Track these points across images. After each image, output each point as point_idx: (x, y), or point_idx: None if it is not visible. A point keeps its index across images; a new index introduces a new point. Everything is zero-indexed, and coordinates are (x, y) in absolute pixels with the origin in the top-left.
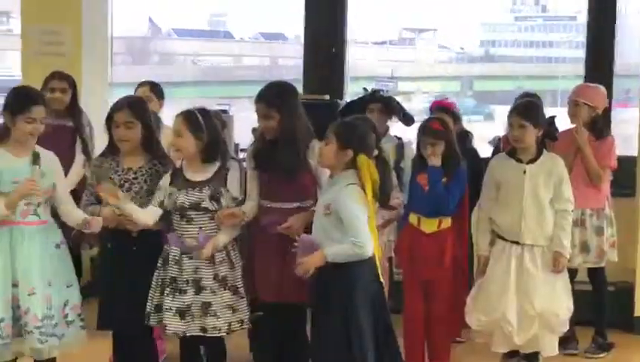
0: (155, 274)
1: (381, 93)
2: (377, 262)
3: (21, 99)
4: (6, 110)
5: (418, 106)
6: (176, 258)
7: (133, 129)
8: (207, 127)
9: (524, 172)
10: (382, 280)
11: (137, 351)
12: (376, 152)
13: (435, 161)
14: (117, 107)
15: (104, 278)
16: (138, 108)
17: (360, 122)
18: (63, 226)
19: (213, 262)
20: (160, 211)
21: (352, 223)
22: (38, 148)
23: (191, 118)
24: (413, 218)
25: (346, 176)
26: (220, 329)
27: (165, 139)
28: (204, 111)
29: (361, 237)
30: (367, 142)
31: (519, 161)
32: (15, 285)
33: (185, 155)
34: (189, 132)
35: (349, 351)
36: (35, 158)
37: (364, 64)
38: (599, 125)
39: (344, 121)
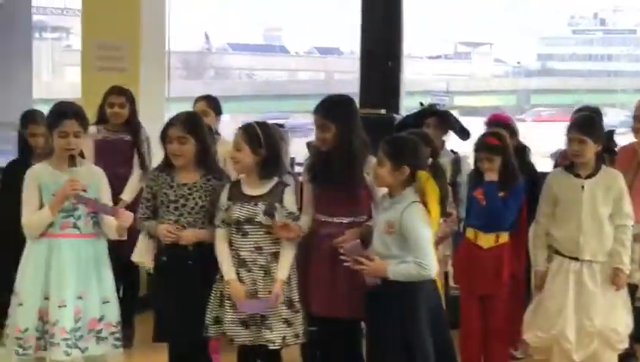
0: (214, 286)
1: (437, 107)
2: (437, 278)
3: (54, 114)
4: (48, 125)
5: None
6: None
7: (186, 144)
8: (266, 143)
9: (583, 187)
10: (441, 294)
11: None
12: (430, 160)
13: (492, 176)
14: (171, 122)
15: (159, 291)
16: (192, 123)
17: (409, 136)
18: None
19: (267, 272)
20: (221, 230)
21: (419, 244)
22: (82, 161)
23: (250, 133)
24: (470, 233)
25: (407, 194)
26: (274, 342)
27: (222, 153)
28: (264, 126)
29: (428, 260)
30: (420, 155)
31: (577, 176)
32: (47, 298)
33: (243, 169)
34: (248, 146)
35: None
36: (71, 162)
37: (419, 78)
38: None
39: (392, 138)
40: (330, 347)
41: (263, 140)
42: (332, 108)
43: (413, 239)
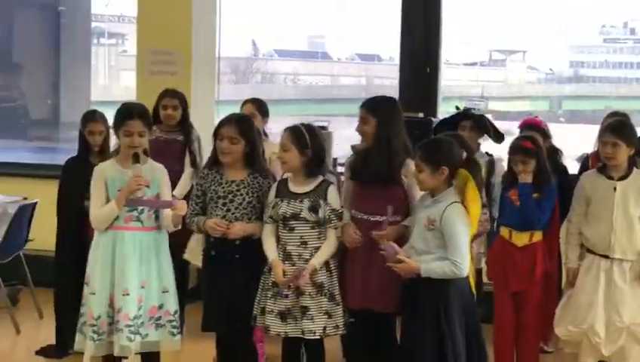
0: (262, 278)
1: (472, 111)
2: (470, 274)
3: (121, 114)
4: (114, 125)
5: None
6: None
7: (237, 144)
8: (312, 143)
9: (615, 188)
10: (473, 291)
11: (239, 352)
12: (464, 156)
13: (527, 178)
14: (224, 122)
15: (207, 284)
16: (244, 125)
17: (442, 137)
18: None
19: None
20: (269, 225)
21: (456, 243)
22: (146, 159)
23: (297, 134)
24: (504, 231)
25: (448, 193)
26: (315, 333)
27: (267, 153)
28: (310, 128)
29: (462, 259)
30: (455, 154)
31: (610, 178)
32: (112, 286)
33: (289, 168)
34: (295, 147)
35: (440, 358)
36: (135, 159)
37: (456, 84)
38: None
39: (425, 143)
40: (365, 338)
41: (309, 141)
42: (375, 104)
43: (452, 238)
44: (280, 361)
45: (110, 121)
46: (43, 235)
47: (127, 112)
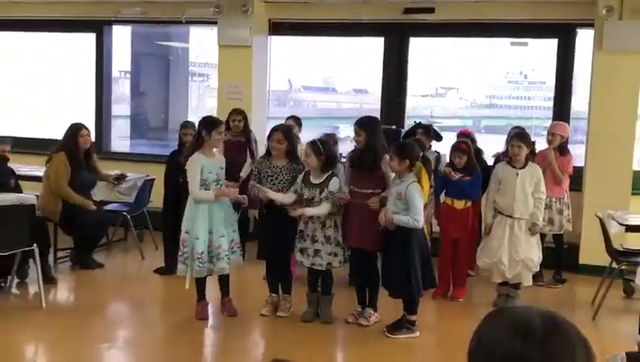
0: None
1: (424, 124)
2: (425, 227)
3: (213, 120)
4: (205, 128)
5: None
6: (305, 222)
7: (282, 144)
8: (324, 151)
9: (517, 174)
10: (427, 237)
11: (280, 272)
12: (420, 155)
13: (461, 166)
14: (275, 129)
15: (261, 229)
16: (287, 132)
17: (408, 141)
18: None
19: (324, 225)
20: (294, 196)
21: (415, 206)
22: (216, 152)
23: (315, 146)
24: (448, 200)
25: (409, 176)
26: (322, 266)
27: (300, 150)
28: (323, 142)
29: (418, 215)
30: (415, 153)
31: (514, 167)
32: (210, 232)
33: (311, 167)
34: (314, 154)
35: (407, 278)
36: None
37: (415, 108)
38: (564, 147)
39: (397, 144)
40: (360, 266)
41: (322, 150)
42: (364, 123)
43: (412, 203)
44: (306, 280)
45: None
46: (157, 198)
47: (218, 120)
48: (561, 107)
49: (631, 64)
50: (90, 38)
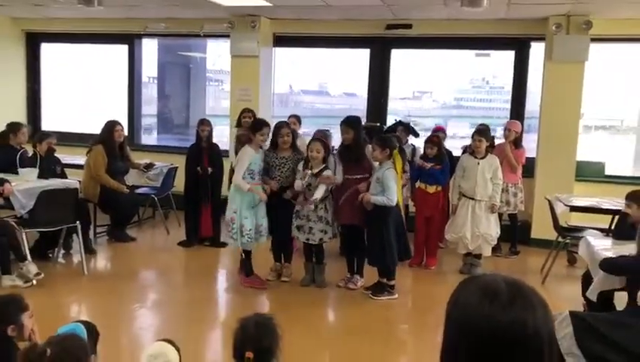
0: (295, 210)
1: (403, 122)
2: (400, 205)
3: (257, 124)
4: (251, 130)
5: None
6: (301, 205)
7: (289, 136)
8: (324, 150)
9: (478, 163)
10: (402, 214)
11: (284, 246)
12: (397, 147)
13: (432, 156)
14: (282, 125)
15: (268, 212)
16: (289, 127)
17: (389, 136)
18: None
19: (317, 207)
20: (300, 183)
21: (389, 188)
22: (261, 150)
23: (323, 143)
24: (422, 185)
25: (387, 163)
26: (314, 241)
27: (300, 144)
28: (324, 143)
29: (392, 196)
30: (394, 144)
31: (476, 158)
32: (255, 215)
33: (317, 160)
34: (323, 150)
35: (383, 249)
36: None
37: (396, 107)
38: (519, 141)
39: (380, 137)
40: (350, 239)
41: (324, 148)
42: (352, 123)
43: (387, 185)
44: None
45: (213, 124)
46: (180, 183)
47: (263, 123)
48: (517, 108)
49: (575, 72)
50: (123, 48)
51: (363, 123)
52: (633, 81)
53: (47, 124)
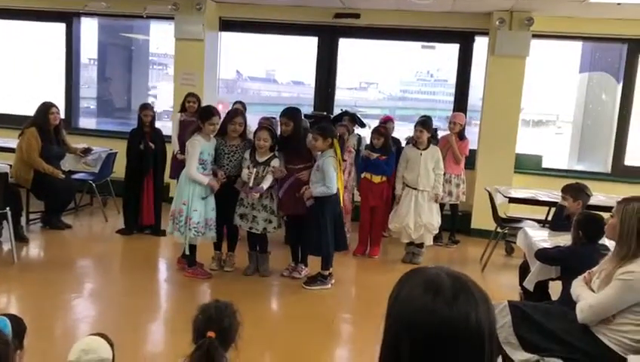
0: (239, 198)
1: (349, 112)
2: (340, 195)
3: (206, 112)
4: (200, 118)
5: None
6: (245, 192)
7: (241, 126)
8: (272, 139)
9: (421, 154)
10: (341, 204)
11: (230, 234)
12: (338, 135)
13: (379, 146)
14: (238, 113)
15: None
16: (243, 115)
17: (328, 125)
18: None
19: (261, 196)
20: (246, 172)
21: (328, 176)
22: (211, 137)
23: (272, 133)
24: (367, 175)
25: (328, 152)
26: (258, 230)
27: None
28: (271, 129)
29: (331, 184)
30: (334, 133)
31: (418, 149)
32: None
33: (264, 149)
34: (270, 138)
35: (319, 238)
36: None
37: (343, 97)
38: (463, 133)
39: (320, 126)
40: (294, 229)
41: (273, 137)
42: (291, 114)
43: (326, 173)
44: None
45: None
46: (120, 169)
47: (212, 111)
48: (460, 100)
49: (517, 66)
50: (60, 27)
51: (310, 112)
52: (568, 77)
53: None
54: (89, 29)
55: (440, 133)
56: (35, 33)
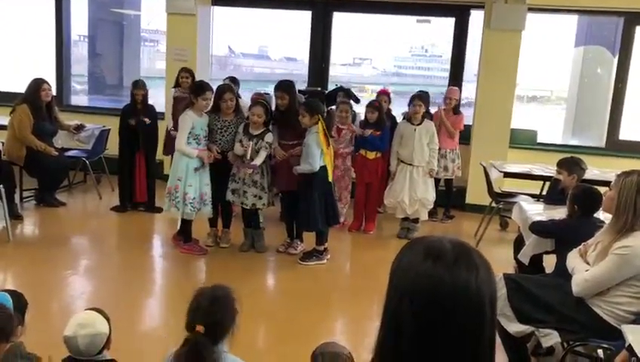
0: (231, 173)
1: (344, 87)
2: (329, 170)
3: (200, 87)
4: (192, 93)
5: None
6: (237, 167)
7: (233, 102)
8: (265, 114)
9: (415, 130)
10: (330, 180)
11: (225, 210)
12: (325, 111)
13: (373, 121)
14: (227, 89)
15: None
16: (232, 91)
17: (316, 100)
18: None
19: (253, 171)
20: (239, 146)
21: (309, 153)
22: (204, 113)
23: (265, 108)
24: (362, 151)
25: (314, 128)
26: (247, 205)
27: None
28: (266, 104)
29: (313, 160)
30: (321, 109)
31: (413, 124)
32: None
33: (258, 123)
34: (264, 114)
35: (308, 214)
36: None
37: (337, 73)
38: (457, 108)
39: (307, 102)
40: (289, 205)
41: (267, 112)
42: (287, 88)
43: (308, 150)
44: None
45: (148, 87)
46: (113, 146)
47: (205, 86)
48: (455, 76)
49: (512, 40)
50: (50, 3)
51: (304, 88)
52: (563, 51)
53: None
54: (79, 5)
55: (432, 109)
56: (24, 10)
